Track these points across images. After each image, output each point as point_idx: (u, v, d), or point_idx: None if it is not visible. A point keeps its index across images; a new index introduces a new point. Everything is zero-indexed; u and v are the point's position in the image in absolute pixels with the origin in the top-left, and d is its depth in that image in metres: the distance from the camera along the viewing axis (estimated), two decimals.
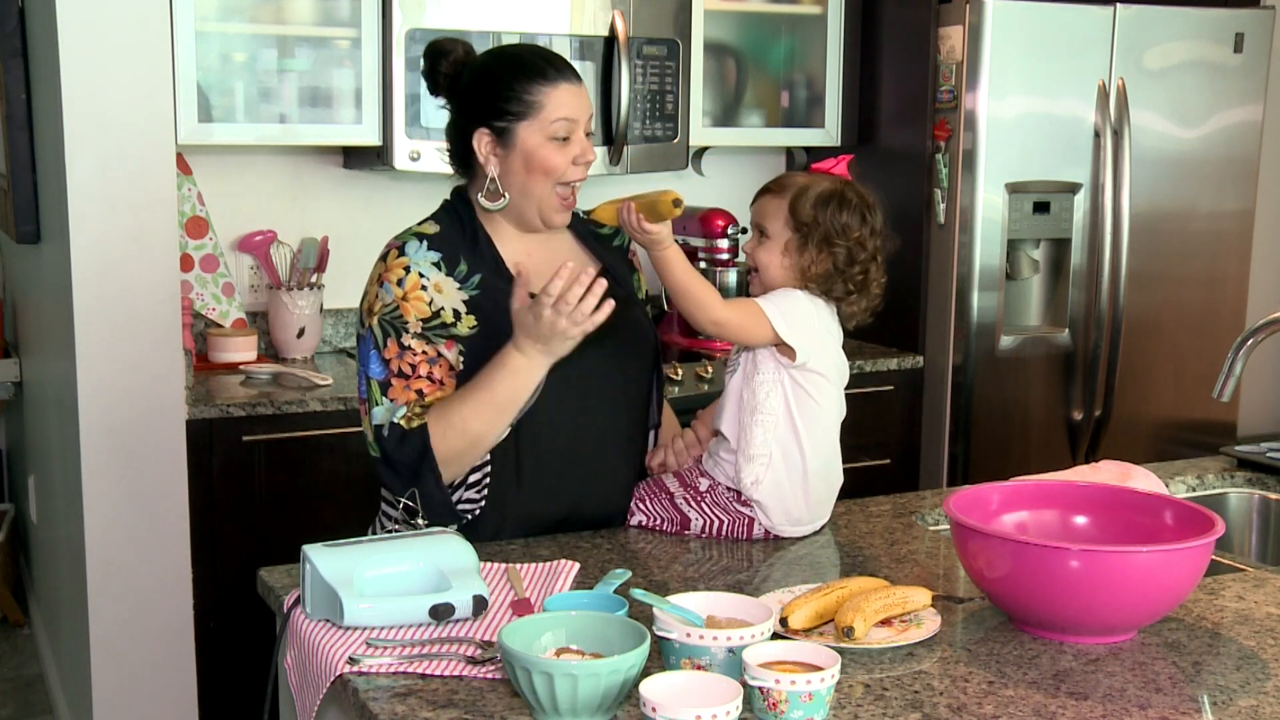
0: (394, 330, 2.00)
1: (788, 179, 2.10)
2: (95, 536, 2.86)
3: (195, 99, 3.15)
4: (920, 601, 1.70)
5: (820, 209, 2.03)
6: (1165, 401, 3.87)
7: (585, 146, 2.06)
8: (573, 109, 2.04)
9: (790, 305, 2.02)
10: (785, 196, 2.05)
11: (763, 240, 2.07)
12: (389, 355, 2.00)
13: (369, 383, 2.02)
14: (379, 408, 2.00)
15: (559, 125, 2.03)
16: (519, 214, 2.09)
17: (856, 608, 1.62)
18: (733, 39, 3.84)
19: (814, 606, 1.65)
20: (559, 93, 2.04)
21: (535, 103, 2.03)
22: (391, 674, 1.54)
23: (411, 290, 2.01)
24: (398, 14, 3.24)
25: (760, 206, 2.09)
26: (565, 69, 2.07)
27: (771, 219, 2.06)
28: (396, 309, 2.01)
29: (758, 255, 2.07)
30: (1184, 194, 3.80)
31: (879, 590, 1.68)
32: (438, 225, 2.09)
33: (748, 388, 2.03)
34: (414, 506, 1.98)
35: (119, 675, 2.93)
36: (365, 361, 2.02)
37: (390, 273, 2.02)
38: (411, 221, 2.14)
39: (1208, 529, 1.67)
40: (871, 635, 1.63)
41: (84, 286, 2.80)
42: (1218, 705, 1.50)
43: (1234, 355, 2.26)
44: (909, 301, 3.69)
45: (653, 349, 2.23)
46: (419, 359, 2.00)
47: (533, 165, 2.04)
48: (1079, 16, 3.58)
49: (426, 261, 2.03)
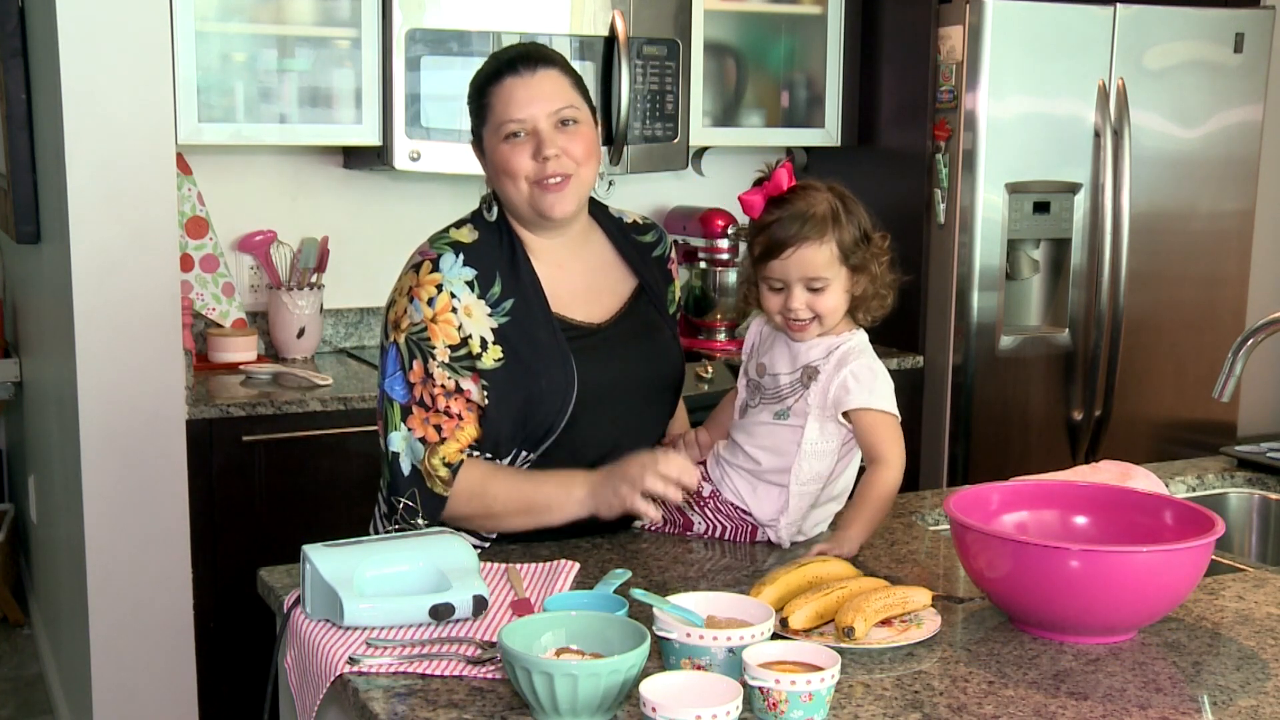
0: (420, 354, 1.96)
1: (789, 220, 1.93)
2: (95, 536, 2.86)
3: (195, 99, 3.15)
4: (920, 601, 1.70)
5: (855, 225, 1.95)
6: (1165, 401, 3.87)
7: (546, 141, 1.97)
8: (522, 105, 1.98)
9: (883, 380, 1.95)
10: (825, 238, 1.92)
11: (820, 291, 1.94)
12: (414, 379, 1.96)
13: (390, 403, 1.98)
14: (396, 433, 1.97)
15: (509, 125, 1.98)
16: (522, 217, 2.05)
17: (857, 608, 1.62)
18: (733, 39, 3.84)
19: (814, 607, 1.65)
20: (503, 90, 1.99)
21: (487, 105, 2.01)
22: (391, 674, 1.54)
23: (442, 312, 1.96)
24: (398, 14, 3.24)
25: (802, 259, 1.92)
26: (520, 63, 1.99)
27: (825, 266, 1.93)
28: (425, 330, 1.96)
29: (821, 305, 1.94)
30: (1184, 194, 3.80)
31: (879, 590, 1.67)
32: (476, 233, 2.04)
33: (816, 455, 1.97)
34: (414, 506, 1.97)
35: (119, 675, 2.93)
36: (388, 377, 1.98)
37: (421, 289, 1.97)
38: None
39: (1208, 529, 1.67)
40: (872, 635, 1.63)
41: (84, 286, 2.80)
42: (1218, 705, 1.50)
43: (1234, 355, 2.26)
44: (909, 301, 3.67)
45: (677, 375, 2.18)
46: (438, 390, 1.95)
47: (499, 169, 2.01)
48: (1079, 16, 3.58)
49: (460, 280, 1.98)
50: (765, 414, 2.01)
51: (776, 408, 1.99)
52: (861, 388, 1.94)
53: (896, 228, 2.12)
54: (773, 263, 1.94)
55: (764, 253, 1.96)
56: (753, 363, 2.06)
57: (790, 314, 1.95)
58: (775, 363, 2.01)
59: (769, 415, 2.00)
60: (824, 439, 1.97)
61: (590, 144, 2.03)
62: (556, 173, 1.99)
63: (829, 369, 1.96)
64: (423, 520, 1.97)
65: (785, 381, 1.99)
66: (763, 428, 2.00)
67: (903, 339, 3.72)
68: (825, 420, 1.96)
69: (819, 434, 1.96)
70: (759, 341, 2.08)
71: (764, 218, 1.97)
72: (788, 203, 1.95)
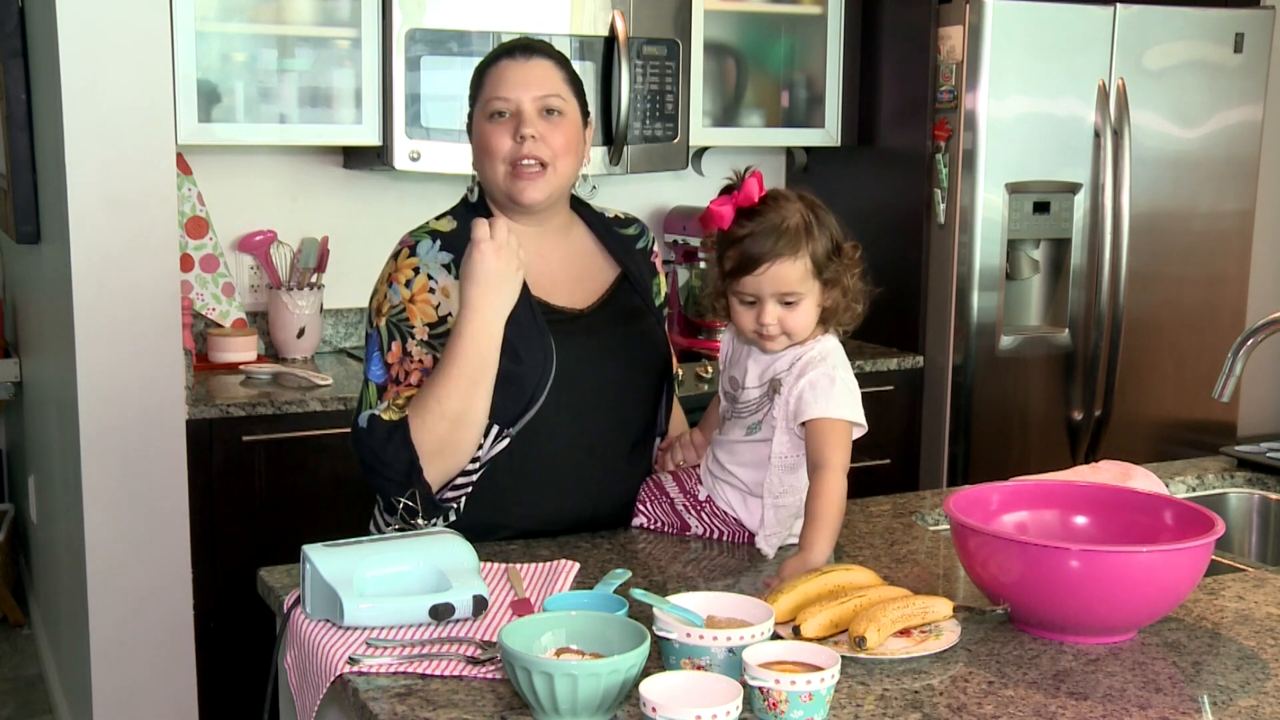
0: (400, 334, 1.99)
1: (762, 235, 1.88)
2: (95, 536, 2.86)
3: (195, 99, 3.15)
4: (941, 612, 1.65)
5: (827, 237, 1.92)
6: (1165, 401, 3.87)
7: (526, 120, 1.99)
8: (510, 86, 2.00)
9: (842, 386, 1.90)
10: (799, 253, 1.89)
11: (793, 306, 1.91)
12: (391, 359, 1.99)
13: (367, 385, 2.02)
14: (366, 412, 1.98)
15: (494, 103, 2.01)
16: (497, 200, 2.07)
17: (871, 617, 1.58)
18: (733, 39, 3.84)
19: (829, 615, 1.62)
20: (496, 70, 2.03)
21: (480, 86, 2.05)
22: (391, 674, 1.54)
23: (419, 293, 2.00)
24: (398, 14, 3.24)
25: (776, 275, 1.88)
26: (518, 50, 2.03)
27: (799, 282, 1.90)
28: (403, 311, 2.00)
29: (792, 321, 1.91)
30: (1184, 194, 3.80)
31: (898, 600, 1.64)
32: (454, 222, 2.07)
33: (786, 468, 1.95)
34: (414, 507, 1.97)
35: (119, 675, 2.93)
36: (368, 362, 2.02)
37: (399, 273, 2.01)
38: (411, 221, 2.14)
39: (1208, 529, 1.67)
40: (888, 645, 1.59)
41: (84, 286, 2.80)
42: (1218, 705, 1.50)
43: (1234, 355, 2.26)
44: (909, 301, 3.69)
45: (664, 361, 2.18)
46: (414, 366, 1.98)
47: (479, 147, 2.04)
48: (1079, 16, 3.58)
49: (437, 263, 2.02)
50: (739, 429, 1.99)
51: (748, 422, 1.98)
52: (818, 397, 1.89)
53: (896, 228, 2.12)
54: (746, 278, 1.90)
55: (736, 268, 1.91)
56: (726, 376, 2.04)
57: (763, 329, 1.92)
58: (744, 376, 1.99)
59: (742, 431, 1.99)
60: (793, 450, 1.94)
61: (571, 138, 2.04)
62: (532, 155, 2.00)
63: (790, 380, 1.93)
64: (406, 501, 1.96)
65: (754, 395, 1.97)
66: (740, 445, 1.99)
67: (903, 339, 3.72)
68: (791, 433, 1.94)
69: (788, 446, 1.94)
70: (730, 353, 2.06)
71: (735, 231, 1.91)
72: (759, 215, 1.90)
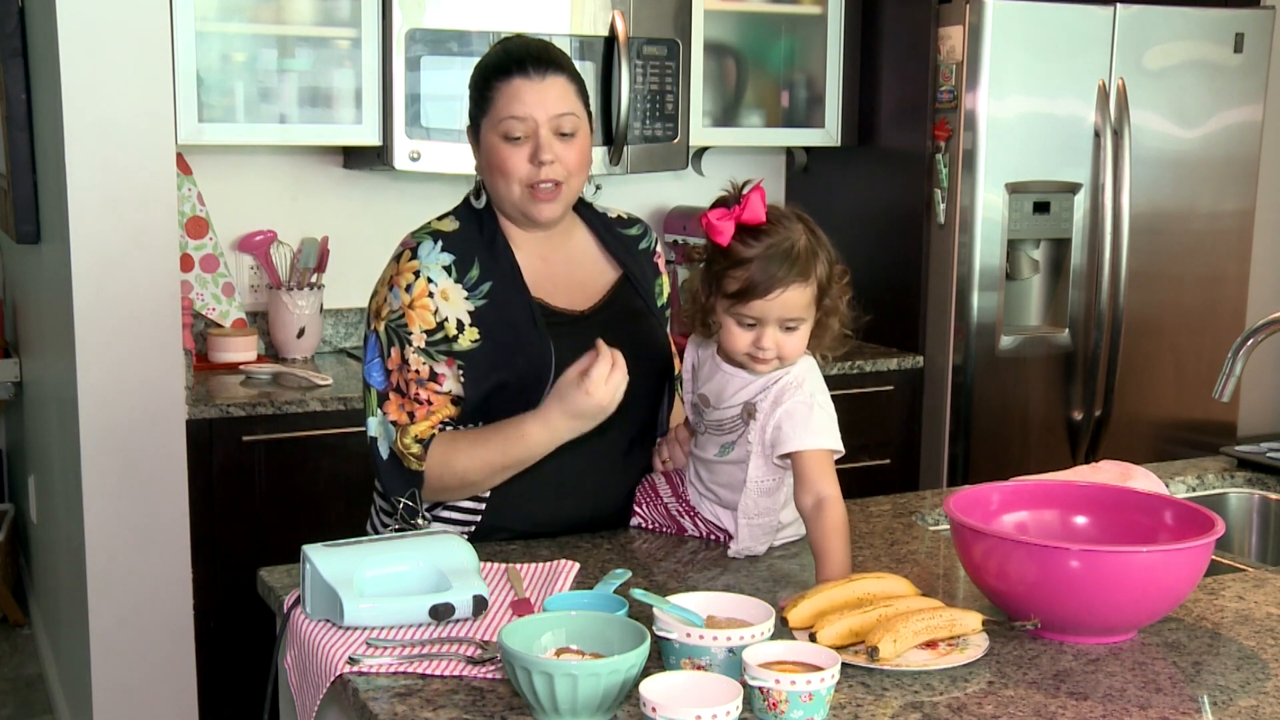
0: (398, 340, 1.99)
1: (774, 260, 1.82)
2: (95, 536, 2.86)
3: (195, 99, 3.15)
4: (970, 625, 1.62)
5: (827, 260, 1.87)
6: (1165, 401, 3.87)
7: (544, 145, 1.97)
8: (525, 106, 1.97)
9: (820, 413, 1.86)
10: (810, 279, 1.84)
11: (792, 331, 1.87)
12: (391, 366, 1.99)
13: (368, 390, 2.02)
14: (374, 419, 2.00)
15: (508, 124, 1.97)
16: (507, 213, 2.06)
17: (889, 628, 1.55)
18: (733, 39, 3.84)
19: (848, 624, 1.59)
20: (510, 88, 1.98)
21: (489, 98, 2.00)
22: (391, 674, 1.54)
23: (419, 298, 1.98)
24: (398, 14, 3.24)
25: (786, 301, 1.83)
26: (531, 64, 1.98)
27: (805, 307, 1.85)
28: (402, 317, 1.99)
29: (789, 346, 1.87)
30: (1184, 194, 3.80)
31: (924, 612, 1.60)
32: (457, 222, 2.06)
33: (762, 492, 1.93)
34: (414, 507, 1.98)
35: (119, 675, 2.93)
36: (368, 364, 2.02)
37: (400, 277, 2.00)
38: (412, 221, 2.14)
39: (1208, 529, 1.67)
40: (910, 657, 1.56)
41: (84, 286, 2.80)
42: (1218, 705, 1.50)
43: (1234, 355, 2.26)
44: (909, 301, 3.69)
45: (665, 362, 2.17)
46: (412, 375, 1.98)
47: (492, 164, 2.01)
48: (1079, 16, 3.58)
49: (438, 265, 2.00)
50: (712, 447, 1.97)
51: (721, 440, 1.96)
52: (796, 428, 1.85)
53: (896, 228, 2.12)
54: (755, 302, 1.83)
55: (744, 290, 1.83)
56: (694, 393, 2.01)
57: (760, 353, 1.87)
58: (717, 396, 1.95)
59: (715, 449, 1.97)
60: (769, 474, 1.93)
61: (584, 155, 2.04)
62: (550, 179, 1.99)
63: (765, 407, 1.89)
64: (406, 501, 1.98)
65: (726, 415, 1.94)
66: (717, 465, 1.98)
67: (903, 339, 3.72)
68: (767, 459, 1.91)
69: (764, 471, 1.92)
70: (697, 366, 2.01)
71: (741, 251, 1.83)
72: (766, 236, 1.83)
